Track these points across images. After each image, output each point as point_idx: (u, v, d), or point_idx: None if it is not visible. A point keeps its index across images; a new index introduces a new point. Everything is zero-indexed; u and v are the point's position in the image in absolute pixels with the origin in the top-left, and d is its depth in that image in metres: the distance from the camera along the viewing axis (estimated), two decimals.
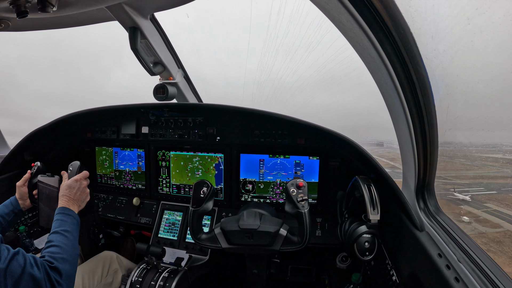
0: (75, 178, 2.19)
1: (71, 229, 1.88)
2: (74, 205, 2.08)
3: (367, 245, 1.97)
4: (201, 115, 2.96)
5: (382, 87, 1.79)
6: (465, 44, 1.43)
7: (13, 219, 2.34)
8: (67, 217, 1.95)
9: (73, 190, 2.13)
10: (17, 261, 1.45)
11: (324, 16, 1.51)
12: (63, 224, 1.88)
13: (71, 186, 2.14)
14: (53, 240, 1.77)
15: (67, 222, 1.91)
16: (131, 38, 2.29)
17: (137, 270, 2.46)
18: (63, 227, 1.86)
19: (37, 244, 3.14)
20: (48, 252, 1.69)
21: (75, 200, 2.10)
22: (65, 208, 2.00)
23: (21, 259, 1.48)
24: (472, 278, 1.38)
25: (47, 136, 3.16)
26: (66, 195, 2.10)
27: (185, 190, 3.14)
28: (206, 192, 2.05)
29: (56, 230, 1.84)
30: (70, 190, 2.12)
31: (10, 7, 1.46)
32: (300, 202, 1.90)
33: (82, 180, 2.21)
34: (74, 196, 2.11)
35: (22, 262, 1.47)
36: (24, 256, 1.51)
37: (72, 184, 2.15)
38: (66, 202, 2.06)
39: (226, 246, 2.02)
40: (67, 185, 2.14)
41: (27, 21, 2.16)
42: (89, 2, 1.65)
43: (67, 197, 2.09)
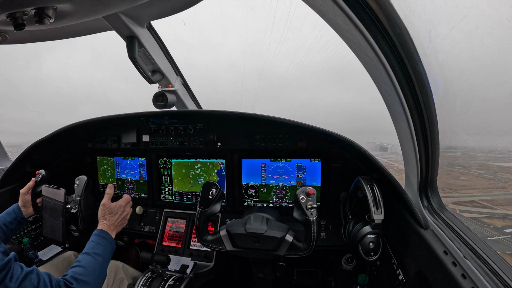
0: (120, 203, 2.22)
1: (103, 253, 1.89)
2: (113, 231, 2.10)
3: (372, 246, 1.96)
4: (201, 122, 2.96)
5: (380, 87, 1.79)
6: (462, 39, 1.43)
7: (16, 227, 2.35)
8: (103, 241, 1.96)
9: (115, 216, 2.17)
10: (30, 280, 1.45)
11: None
12: (96, 247, 1.90)
13: (114, 211, 2.17)
14: (81, 261, 1.78)
15: (100, 245, 1.92)
16: (128, 47, 2.30)
17: (143, 278, 2.45)
18: (95, 249, 1.88)
19: (42, 256, 3.14)
20: (73, 271, 1.70)
21: (115, 225, 2.13)
22: (103, 232, 2.02)
23: (35, 278, 1.47)
24: (479, 274, 1.38)
25: (47, 147, 3.17)
26: (108, 219, 2.13)
27: (188, 197, 3.14)
28: (215, 194, 2.05)
29: (87, 251, 1.86)
30: (113, 216, 2.16)
31: (7, 20, 1.46)
32: (309, 209, 1.90)
33: (125, 206, 2.24)
34: (115, 222, 2.15)
35: (36, 281, 1.46)
36: (39, 275, 1.50)
37: (115, 210, 2.18)
38: (107, 226, 2.08)
39: (230, 248, 2.01)
40: (110, 209, 2.17)
41: (24, 34, 2.17)
42: (86, 13, 1.66)
43: (108, 221, 2.12)
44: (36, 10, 1.44)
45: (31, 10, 1.43)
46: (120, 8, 1.76)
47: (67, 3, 1.45)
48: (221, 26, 7.06)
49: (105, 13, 1.77)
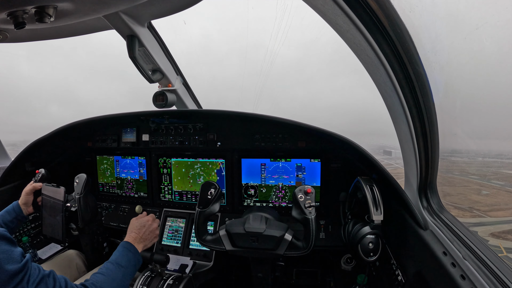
0: (148, 218, 2.26)
1: (126, 265, 1.90)
2: (140, 244, 2.12)
3: (371, 246, 1.96)
4: (201, 121, 2.96)
5: (381, 87, 1.79)
6: (461, 40, 1.43)
7: (16, 225, 2.35)
8: (127, 253, 1.97)
9: (142, 229, 2.19)
10: (46, 284, 1.44)
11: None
12: (120, 258, 1.91)
13: (142, 224, 2.21)
14: (104, 269, 1.80)
15: (125, 257, 1.94)
16: (129, 46, 2.30)
17: (142, 278, 2.45)
18: (119, 260, 1.89)
19: (41, 255, 3.13)
20: (93, 278, 1.72)
21: (142, 239, 2.15)
22: (129, 244, 2.04)
23: (51, 282, 1.47)
24: (478, 275, 1.38)
25: (47, 146, 3.17)
26: (135, 232, 2.15)
27: (187, 197, 3.14)
28: (213, 194, 2.05)
29: (111, 261, 1.88)
30: (140, 229, 2.18)
31: (7, 19, 1.46)
32: (307, 208, 1.90)
33: (153, 222, 2.27)
34: (143, 235, 2.16)
35: (52, 285, 1.46)
36: (55, 279, 1.50)
37: (144, 224, 2.20)
38: (133, 239, 2.10)
39: (230, 248, 2.01)
40: (140, 223, 2.21)
41: (24, 32, 2.17)
42: (86, 12, 1.66)
43: (136, 234, 2.14)
44: (37, 9, 1.44)
45: (32, 8, 1.43)
46: (121, 7, 1.76)
47: (67, 2, 1.45)
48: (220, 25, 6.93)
49: (105, 12, 1.77)
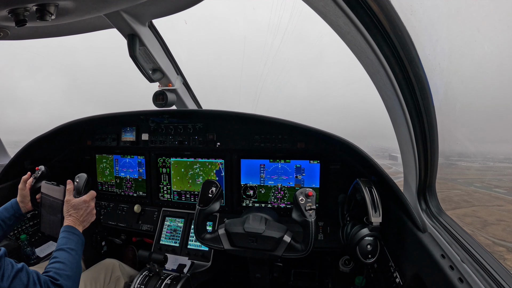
0: (84, 199, 2.18)
1: (76, 248, 1.88)
2: (80, 226, 2.07)
3: (370, 248, 1.96)
4: (201, 121, 2.96)
5: (381, 89, 1.79)
6: (462, 43, 1.43)
7: (13, 223, 2.34)
8: (73, 236, 1.95)
9: (80, 211, 2.13)
10: (20, 279, 1.44)
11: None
12: (69, 242, 1.89)
13: (78, 207, 2.13)
14: (59, 257, 1.77)
15: (72, 240, 1.91)
16: (129, 45, 2.30)
17: (140, 277, 2.45)
18: (69, 245, 1.86)
19: (39, 253, 3.13)
20: (53, 268, 1.69)
21: (81, 221, 2.10)
22: (71, 227, 2.00)
23: (25, 277, 1.46)
24: (476, 278, 1.38)
25: (47, 144, 3.16)
26: (73, 215, 2.09)
27: (186, 197, 3.14)
28: (214, 192, 2.05)
29: (61, 247, 1.84)
30: (78, 211, 2.12)
31: (8, 16, 1.47)
32: (308, 211, 1.90)
33: (90, 202, 2.21)
34: (80, 217, 2.11)
35: (25, 280, 1.45)
36: (28, 273, 1.49)
37: (79, 205, 2.14)
38: (73, 222, 2.06)
39: (228, 247, 2.02)
40: (74, 205, 2.13)
41: (25, 30, 2.17)
42: (87, 10, 1.66)
43: (74, 217, 2.08)
44: (38, 7, 1.44)
45: (33, 6, 1.43)
46: (122, 6, 1.77)
47: (69, 0, 1.46)
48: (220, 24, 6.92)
49: (106, 10, 1.77)
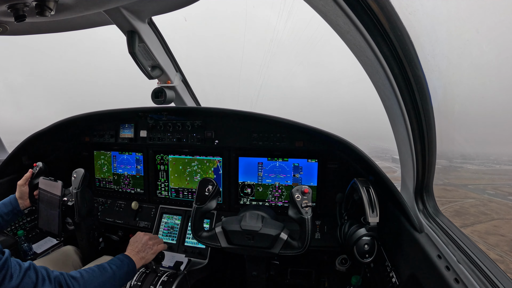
0: (141, 234, 2.23)
1: (115, 270, 1.84)
2: (136, 256, 2.07)
3: (367, 248, 1.96)
4: (199, 119, 2.96)
5: (379, 89, 1.79)
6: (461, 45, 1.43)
7: (11, 218, 2.34)
8: (121, 262, 1.94)
9: (135, 244, 2.16)
10: (30, 277, 1.42)
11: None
12: (112, 262, 1.89)
13: (135, 240, 2.18)
14: (93, 267, 1.77)
15: (116, 263, 1.90)
16: (129, 41, 2.30)
17: (136, 274, 2.45)
18: (106, 264, 1.84)
19: (36, 249, 3.12)
20: (74, 273, 1.66)
21: (141, 258, 2.10)
22: (127, 256, 2.01)
23: (33, 274, 1.44)
24: (471, 278, 1.38)
25: (45, 140, 3.16)
26: (136, 250, 2.11)
27: (183, 194, 3.14)
28: (211, 191, 2.05)
29: (103, 263, 1.84)
30: (133, 244, 2.16)
31: (8, 11, 1.46)
32: (304, 208, 1.90)
33: (144, 236, 2.22)
34: (136, 248, 2.12)
35: (34, 277, 1.44)
36: (36, 270, 1.47)
37: (136, 239, 2.18)
38: (134, 255, 2.07)
39: (225, 245, 2.02)
40: (144, 243, 2.17)
41: (25, 25, 2.17)
42: (87, 6, 1.66)
43: (136, 252, 2.10)
44: (37, 2, 1.43)
45: (32, 1, 1.43)
46: (122, 2, 1.76)
47: None
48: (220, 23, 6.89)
49: (106, 7, 1.77)
